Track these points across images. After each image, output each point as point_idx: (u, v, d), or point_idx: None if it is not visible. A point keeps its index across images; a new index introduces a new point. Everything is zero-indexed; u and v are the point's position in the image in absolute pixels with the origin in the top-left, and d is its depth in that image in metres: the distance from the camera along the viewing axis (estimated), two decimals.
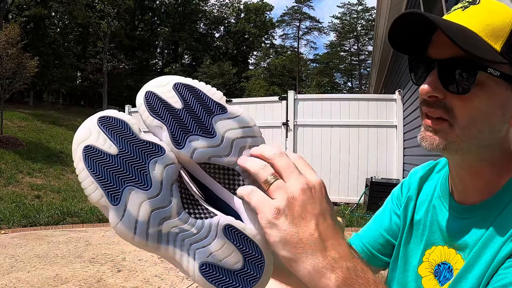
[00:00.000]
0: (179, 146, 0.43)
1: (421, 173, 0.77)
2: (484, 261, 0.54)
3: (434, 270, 0.65)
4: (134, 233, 0.39)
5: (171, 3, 35.24)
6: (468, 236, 0.59)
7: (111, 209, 0.39)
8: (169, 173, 0.42)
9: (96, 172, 0.40)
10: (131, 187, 0.40)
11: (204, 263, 0.40)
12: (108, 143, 0.41)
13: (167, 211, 0.40)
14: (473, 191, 0.61)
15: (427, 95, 0.56)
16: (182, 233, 0.40)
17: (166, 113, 0.44)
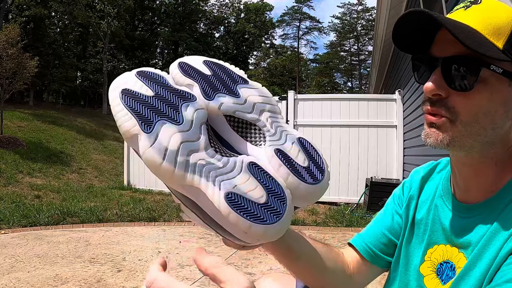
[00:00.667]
0: (209, 98, 0.48)
1: (422, 173, 0.77)
2: (487, 259, 0.55)
3: (436, 269, 0.65)
4: (163, 158, 0.40)
5: (171, 3, 35.23)
6: (471, 234, 0.60)
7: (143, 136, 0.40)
8: (199, 115, 0.45)
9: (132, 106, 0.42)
10: (164, 121, 0.42)
11: (230, 192, 0.40)
12: (144, 88, 0.44)
13: (196, 145, 0.42)
14: (475, 190, 0.62)
15: (431, 93, 0.57)
16: (209, 165, 0.42)
17: (197, 75, 0.50)
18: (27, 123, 15.29)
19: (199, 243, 4.22)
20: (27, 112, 17.48)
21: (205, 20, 40.37)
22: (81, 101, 31.20)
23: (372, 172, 6.42)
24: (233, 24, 41.19)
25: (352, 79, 45.53)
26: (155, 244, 4.21)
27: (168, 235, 4.62)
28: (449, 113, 0.56)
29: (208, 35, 40.46)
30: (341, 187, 6.58)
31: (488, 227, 0.57)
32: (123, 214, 5.65)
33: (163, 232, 4.83)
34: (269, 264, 3.43)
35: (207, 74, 0.51)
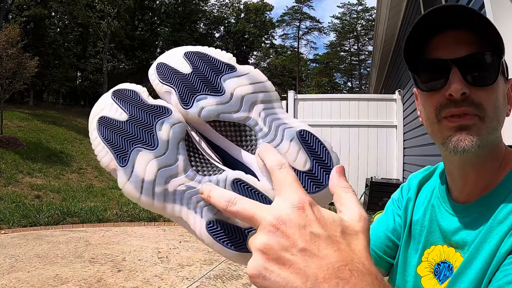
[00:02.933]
0: (186, 106, 0.44)
1: (420, 176, 0.78)
2: (483, 256, 0.55)
3: (433, 270, 0.65)
4: (141, 192, 0.39)
5: (171, 3, 35.22)
6: (467, 233, 0.60)
7: (119, 171, 0.40)
8: (176, 132, 0.42)
9: (107, 138, 0.41)
10: (139, 148, 0.40)
11: (212, 220, 0.39)
12: (119, 111, 0.43)
13: (173, 169, 0.40)
14: (472, 188, 0.62)
15: (461, 92, 0.56)
16: (189, 190, 0.40)
17: (175, 78, 0.46)
18: (27, 123, 15.28)
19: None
20: (27, 112, 17.47)
21: (205, 20, 40.37)
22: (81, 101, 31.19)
23: (372, 172, 6.42)
24: (233, 24, 41.19)
25: (352, 79, 45.53)
26: (155, 244, 4.21)
27: (168, 235, 4.62)
28: (478, 110, 0.57)
29: (208, 35, 40.45)
30: None
31: (483, 225, 0.57)
32: (123, 214, 5.65)
33: (163, 232, 4.82)
34: None
35: (186, 74, 0.46)
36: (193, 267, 3.39)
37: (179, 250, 3.95)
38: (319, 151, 0.42)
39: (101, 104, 0.44)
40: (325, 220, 0.31)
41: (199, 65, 0.46)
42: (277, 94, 0.46)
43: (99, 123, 0.42)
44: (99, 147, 0.41)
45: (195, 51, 0.48)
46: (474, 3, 2.57)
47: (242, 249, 0.37)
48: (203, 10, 38.98)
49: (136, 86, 0.47)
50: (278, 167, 0.35)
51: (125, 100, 0.44)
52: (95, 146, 0.42)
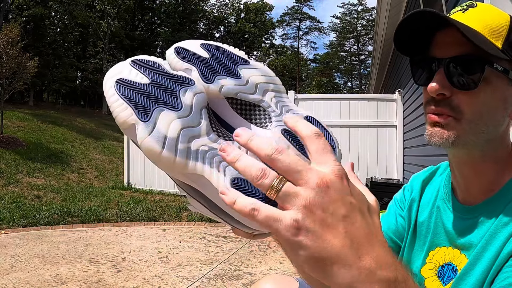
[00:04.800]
0: (208, 81, 0.46)
1: (423, 177, 0.78)
2: (488, 258, 0.54)
3: (437, 271, 0.65)
4: (163, 147, 0.38)
5: (171, 3, 35.22)
6: (472, 235, 0.60)
7: (140, 125, 0.38)
8: (199, 99, 0.42)
9: (127, 95, 0.40)
10: (162, 107, 0.40)
11: (236, 177, 0.38)
12: (140, 76, 0.42)
13: (197, 130, 0.40)
14: (476, 190, 0.62)
15: (436, 93, 0.58)
16: (211, 151, 0.39)
17: (195, 59, 0.47)
18: (27, 123, 15.28)
19: (199, 243, 4.22)
20: (27, 112, 17.47)
21: (205, 20, 40.37)
22: (81, 101, 31.20)
23: (372, 172, 6.42)
24: (233, 24, 41.19)
25: (352, 79, 45.53)
26: (155, 244, 4.21)
27: (168, 235, 4.62)
28: (454, 112, 0.58)
29: (208, 35, 40.45)
30: None
31: (488, 227, 0.57)
32: (123, 214, 5.65)
33: (163, 232, 4.83)
34: (269, 264, 3.43)
35: (205, 57, 0.48)
36: (193, 267, 3.39)
37: (179, 250, 3.95)
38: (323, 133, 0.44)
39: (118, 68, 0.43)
40: (358, 194, 0.34)
41: (216, 54, 0.49)
42: (284, 88, 0.50)
43: (117, 83, 0.41)
44: (117, 103, 0.40)
45: (211, 43, 0.51)
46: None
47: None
48: (203, 10, 38.98)
49: (157, 58, 0.47)
50: (315, 136, 0.35)
51: (146, 67, 0.44)
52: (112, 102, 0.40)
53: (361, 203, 0.34)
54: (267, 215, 0.31)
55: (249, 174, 0.33)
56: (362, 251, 0.32)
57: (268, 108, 0.47)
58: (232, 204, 0.33)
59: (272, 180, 0.32)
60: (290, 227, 0.31)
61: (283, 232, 0.31)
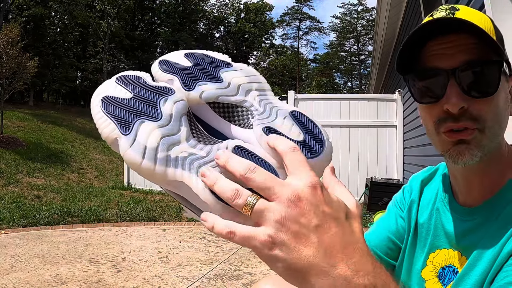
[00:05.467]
0: (188, 89, 0.47)
1: (422, 177, 0.77)
2: (487, 259, 0.54)
3: (438, 274, 0.65)
4: (143, 157, 0.39)
5: (171, 3, 35.22)
6: (472, 237, 0.60)
7: (122, 139, 0.40)
8: (179, 107, 0.44)
9: (110, 111, 0.42)
10: (143, 119, 0.42)
11: None
12: (123, 91, 0.45)
13: (176, 138, 0.41)
14: (477, 192, 0.62)
15: (458, 107, 0.53)
16: (191, 156, 0.40)
17: (177, 69, 0.49)
18: (27, 123, 15.28)
19: (199, 243, 4.22)
20: (27, 112, 17.47)
21: (205, 20, 40.36)
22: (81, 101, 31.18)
23: (372, 172, 6.42)
24: (233, 24, 41.18)
25: (352, 79, 45.53)
26: (155, 244, 4.21)
27: (168, 235, 4.62)
28: (477, 123, 0.54)
29: (208, 35, 40.45)
30: None
31: (488, 228, 0.57)
32: (123, 214, 5.65)
33: (163, 232, 4.83)
34: None
35: (187, 66, 0.50)
36: (193, 267, 3.39)
37: (179, 250, 3.95)
38: (310, 127, 0.46)
39: (104, 86, 0.46)
40: (333, 201, 0.34)
41: (199, 61, 0.51)
42: (268, 86, 0.51)
43: (102, 101, 0.43)
44: (101, 120, 0.42)
45: (194, 52, 0.52)
46: (474, 3, 2.56)
47: None
48: (203, 10, 38.97)
49: (139, 72, 0.49)
50: (291, 150, 0.36)
51: (130, 82, 0.46)
52: (98, 119, 0.42)
53: (336, 211, 0.34)
54: (243, 236, 0.33)
55: (225, 195, 0.35)
56: (336, 260, 0.32)
57: (250, 107, 0.48)
58: (211, 229, 0.35)
59: (245, 199, 0.34)
60: (265, 242, 0.32)
61: (259, 248, 0.33)
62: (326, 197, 0.34)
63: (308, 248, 0.32)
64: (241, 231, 0.33)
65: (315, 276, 0.32)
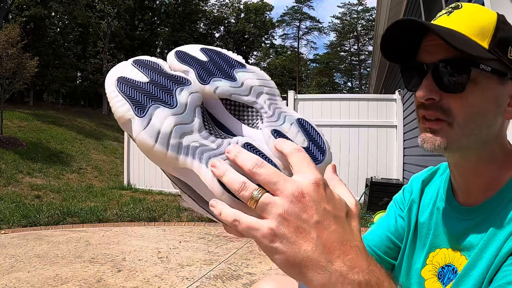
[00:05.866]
0: (204, 82, 0.48)
1: (423, 177, 0.77)
2: (487, 258, 0.55)
3: (437, 273, 0.65)
4: (156, 141, 0.40)
5: (171, 3, 35.22)
6: (472, 236, 0.60)
7: (136, 120, 0.41)
8: (194, 98, 0.45)
9: (126, 92, 0.43)
10: (158, 104, 0.42)
11: None
12: (140, 75, 0.45)
13: (189, 127, 0.42)
14: (475, 191, 0.62)
15: (424, 98, 0.58)
16: (202, 147, 0.42)
17: (193, 62, 0.50)
18: (27, 123, 15.28)
19: (199, 243, 4.22)
20: (27, 112, 17.47)
21: (205, 20, 40.36)
22: (81, 101, 31.19)
23: (372, 172, 6.42)
24: (233, 24, 41.17)
25: (352, 79, 45.52)
26: (155, 244, 4.21)
27: (168, 235, 4.62)
28: (446, 115, 0.58)
29: (208, 35, 40.44)
30: None
31: (488, 228, 0.57)
32: (123, 214, 5.65)
33: (163, 232, 4.83)
34: (269, 264, 3.43)
35: (203, 60, 0.51)
36: (193, 267, 3.39)
37: (179, 250, 3.95)
38: (314, 135, 0.48)
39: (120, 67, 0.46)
40: (335, 200, 0.36)
41: (214, 57, 0.52)
42: (278, 91, 0.52)
43: (118, 81, 0.44)
44: (116, 99, 0.42)
45: (211, 48, 0.54)
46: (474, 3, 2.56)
47: None
48: (203, 10, 38.97)
49: (156, 58, 0.49)
50: (296, 151, 0.39)
51: (147, 67, 0.46)
52: (112, 97, 0.43)
53: (337, 209, 0.36)
54: (247, 225, 0.35)
55: (232, 187, 0.36)
56: (333, 256, 0.34)
57: (260, 109, 0.49)
58: (218, 214, 0.37)
59: (251, 192, 0.35)
60: (266, 235, 0.34)
61: (260, 239, 0.34)
62: (328, 195, 0.35)
63: (308, 243, 0.34)
64: (246, 220, 0.35)
65: (312, 270, 0.34)
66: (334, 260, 0.34)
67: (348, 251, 0.34)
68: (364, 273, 0.34)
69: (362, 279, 0.34)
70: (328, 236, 0.34)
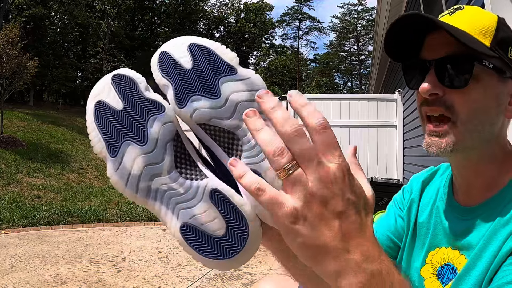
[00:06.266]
0: (180, 105, 0.44)
1: (423, 177, 0.78)
2: (487, 258, 0.55)
3: (437, 272, 0.65)
4: (126, 185, 0.41)
5: (171, 3, 35.22)
6: (471, 236, 0.60)
7: (109, 160, 0.42)
8: (165, 132, 0.43)
9: (101, 125, 0.43)
10: (129, 141, 0.42)
11: (186, 224, 0.40)
12: (116, 99, 0.44)
13: (159, 168, 0.41)
14: (476, 191, 0.62)
15: (428, 93, 0.59)
16: (170, 191, 0.41)
17: (175, 73, 0.45)
18: (27, 123, 15.28)
19: None
20: (27, 112, 17.47)
21: (205, 20, 40.37)
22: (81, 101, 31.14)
23: (372, 172, 6.42)
24: (233, 24, 41.17)
25: (352, 79, 45.52)
26: (155, 244, 4.21)
27: (168, 235, 4.62)
28: (449, 111, 0.58)
29: (208, 35, 40.44)
30: None
31: (488, 227, 0.57)
32: (123, 214, 5.65)
33: (163, 232, 4.82)
34: (269, 264, 3.43)
35: (186, 69, 0.44)
36: (193, 267, 3.39)
37: (179, 250, 3.95)
38: None
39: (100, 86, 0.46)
40: (357, 189, 0.35)
41: (200, 62, 0.45)
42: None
43: (96, 108, 0.44)
44: (93, 133, 0.43)
45: (200, 45, 0.46)
46: (474, 3, 2.57)
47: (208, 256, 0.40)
48: (203, 10, 38.98)
49: (135, 74, 0.47)
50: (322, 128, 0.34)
51: (123, 89, 0.45)
52: (90, 130, 0.44)
53: (358, 199, 0.35)
54: (271, 197, 0.33)
55: (267, 148, 0.33)
56: (351, 245, 0.34)
57: (243, 137, 0.43)
58: (239, 178, 0.34)
59: (287, 161, 0.33)
60: (289, 214, 0.33)
61: (281, 218, 0.33)
62: (352, 184, 0.34)
63: (328, 231, 0.33)
64: (271, 192, 0.33)
65: (329, 257, 0.34)
66: (351, 249, 0.34)
67: (363, 241, 0.34)
68: (376, 263, 0.35)
69: (374, 268, 0.34)
70: (348, 226, 0.34)
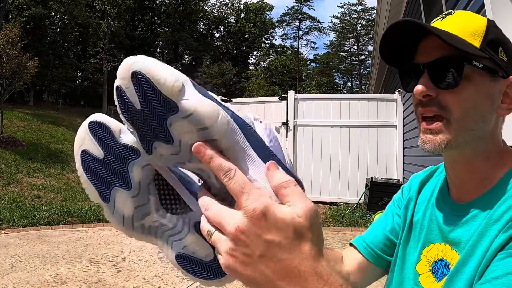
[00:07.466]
0: (148, 152, 0.42)
1: (421, 177, 0.80)
2: (478, 254, 0.56)
3: (431, 267, 0.67)
4: (123, 225, 0.45)
5: (171, 3, 35.23)
6: (462, 231, 0.62)
7: (105, 206, 0.46)
8: (145, 174, 0.45)
9: (90, 175, 0.46)
10: (117, 187, 0.45)
11: (179, 254, 0.45)
12: (96, 148, 0.46)
13: (147, 208, 0.45)
14: (469, 188, 0.65)
15: (421, 94, 0.62)
16: (162, 226, 0.45)
17: (132, 115, 0.40)
18: (27, 123, 15.29)
19: None
20: (27, 112, 17.47)
21: (205, 20, 40.38)
22: (81, 101, 31.20)
23: (372, 172, 6.42)
24: (233, 24, 41.18)
25: (352, 79, 45.54)
26: None
27: None
28: (443, 111, 0.61)
29: (208, 35, 40.47)
30: (341, 187, 6.58)
31: (479, 224, 0.59)
32: None
33: None
34: None
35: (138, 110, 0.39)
36: None
37: None
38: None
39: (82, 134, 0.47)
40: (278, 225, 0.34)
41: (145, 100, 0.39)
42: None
43: (81, 158, 0.46)
44: (85, 184, 0.46)
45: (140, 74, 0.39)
46: (474, 3, 2.57)
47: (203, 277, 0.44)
48: (203, 10, 39.00)
49: (110, 120, 0.45)
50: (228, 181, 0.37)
51: (100, 137, 0.46)
52: (83, 181, 0.46)
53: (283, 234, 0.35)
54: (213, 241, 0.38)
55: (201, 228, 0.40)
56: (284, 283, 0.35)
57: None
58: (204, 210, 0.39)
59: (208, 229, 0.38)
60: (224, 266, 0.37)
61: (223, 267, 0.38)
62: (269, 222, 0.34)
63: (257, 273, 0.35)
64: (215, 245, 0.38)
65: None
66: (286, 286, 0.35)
67: (297, 276, 0.34)
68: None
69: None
70: (275, 266, 0.35)
